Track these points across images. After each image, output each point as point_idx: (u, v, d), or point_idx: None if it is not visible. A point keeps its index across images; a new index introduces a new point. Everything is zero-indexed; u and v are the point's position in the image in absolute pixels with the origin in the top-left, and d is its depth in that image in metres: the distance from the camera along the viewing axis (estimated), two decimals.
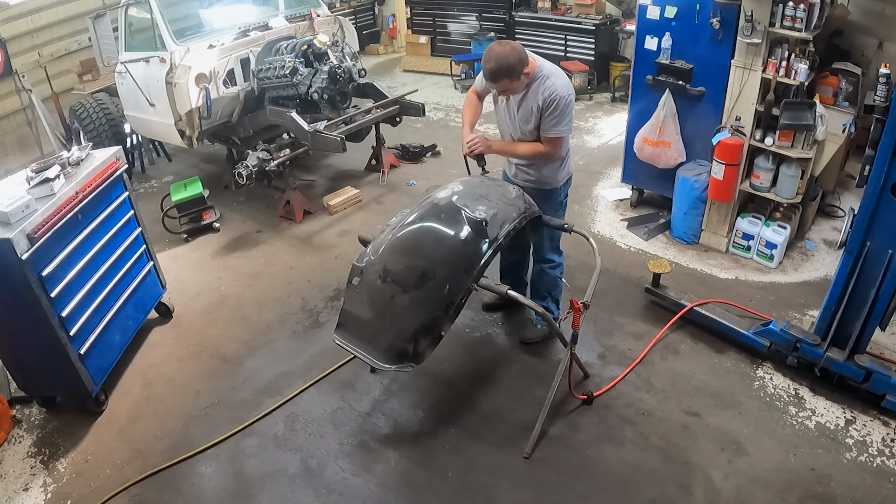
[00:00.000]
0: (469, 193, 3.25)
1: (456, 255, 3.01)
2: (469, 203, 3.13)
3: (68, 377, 3.47)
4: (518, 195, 3.32)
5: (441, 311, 2.95)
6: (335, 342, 3.25)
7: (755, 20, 3.95)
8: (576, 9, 8.47)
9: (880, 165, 2.93)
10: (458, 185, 3.36)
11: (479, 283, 3.00)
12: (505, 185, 3.45)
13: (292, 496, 3.12)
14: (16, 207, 3.10)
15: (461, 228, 3.04)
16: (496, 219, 3.10)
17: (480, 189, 3.31)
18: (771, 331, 3.61)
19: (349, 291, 3.19)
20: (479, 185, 3.39)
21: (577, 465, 3.17)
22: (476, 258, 2.97)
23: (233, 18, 6.02)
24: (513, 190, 3.37)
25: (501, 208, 3.16)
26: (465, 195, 3.22)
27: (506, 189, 3.36)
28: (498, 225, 3.09)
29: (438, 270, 2.95)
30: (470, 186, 3.36)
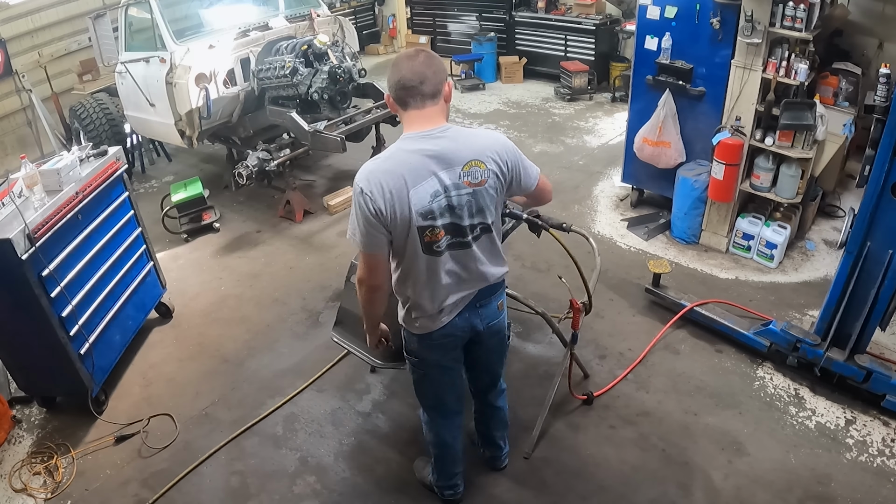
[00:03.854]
0: None
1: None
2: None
3: (68, 377, 3.47)
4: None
5: None
6: (332, 339, 3.26)
7: (755, 20, 3.95)
8: (576, 9, 8.47)
9: (880, 165, 2.93)
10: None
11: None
12: None
13: (292, 496, 3.11)
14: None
15: None
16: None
17: None
18: (771, 331, 3.61)
19: (347, 289, 3.20)
20: None
21: (577, 465, 3.17)
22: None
23: (233, 18, 6.01)
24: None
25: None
26: None
27: None
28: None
29: None
30: None
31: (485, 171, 2.16)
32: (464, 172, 2.13)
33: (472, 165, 2.14)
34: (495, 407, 2.95)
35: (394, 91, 2.16)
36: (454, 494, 3.00)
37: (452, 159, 2.13)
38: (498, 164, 2.20)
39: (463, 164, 2.13)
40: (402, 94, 2.14)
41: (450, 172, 2.12)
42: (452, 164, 2.13)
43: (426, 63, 2.13)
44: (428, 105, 2.15)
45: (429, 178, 2.11)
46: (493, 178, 2.19)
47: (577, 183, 5.99)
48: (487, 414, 2.98)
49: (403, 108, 2.17)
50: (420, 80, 2.11)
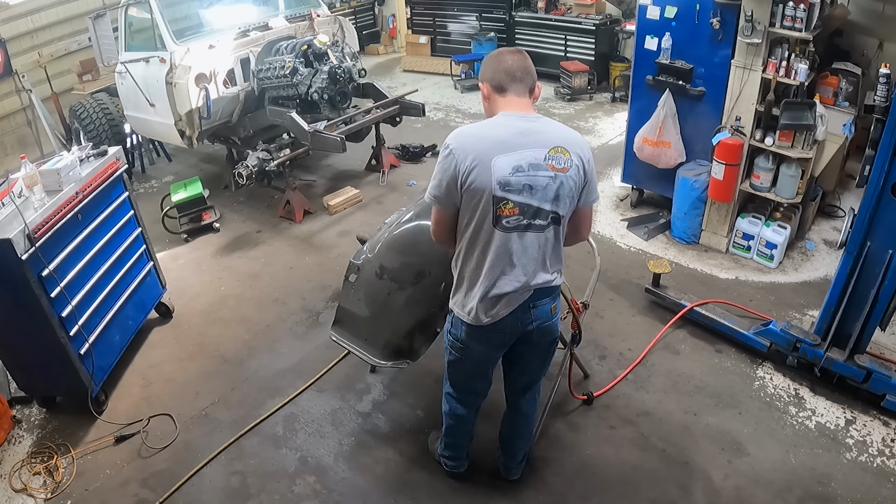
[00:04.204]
0: None
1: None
2: None
3: (68, 377, 3.47)
4: None
5: (436, 309, 2.96)
6: (331, 338, 3.26)
7: (755, 20, 3.95)
8: (576, 9, 8.48)
9: (880, 165, 2.93)
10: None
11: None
12: None
13: (292, 496, 3.11)
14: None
15: None
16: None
17: None
18: (771, 331, 3.61)
19: (346, 288, 3.20)
20: None
21: (577, 465, 3.17)
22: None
23: (233, 18, 6.02)
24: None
25: None
26: None
27: None
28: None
29: (434, 268, 2.95)
30: None
31: (568, 159, 2.22)
32: (549, 156, 2.20)
33: (558, 151, 2.21)
34: (524, 414, 2.90)
35: (499, 75, 2.28)
36: (456, 466, 3.06)
37: (540, 140, 2.21)
38: (581, 159, 2.25)
39: (549, 147, 2.21)
40: (506, 80, 2.27)
41: (535, 152, 2.19)
42: (540, 144, 2.20)
43: (527, 60, 2.34)
44: (525, 96, 2.30)
45: (514, 152, 2.18)
46: (574, 169, 2.24)
47: None
48: (514, 422, 2.93)
49: (503, 92, 2.29)
50: (525, 73, 2.30)
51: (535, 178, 2.19)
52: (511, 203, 2.20)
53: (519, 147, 2.18)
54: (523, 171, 2.18)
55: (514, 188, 2.19)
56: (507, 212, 2.22)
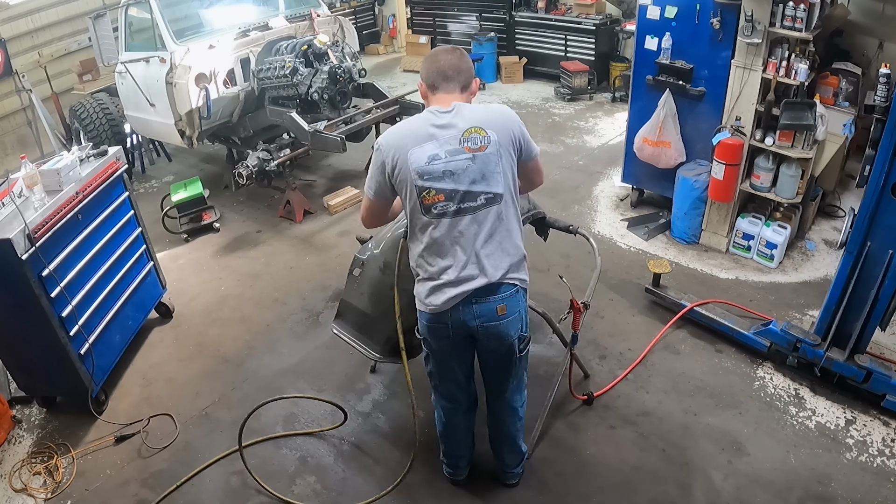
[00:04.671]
0: None
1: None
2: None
3: (68, 377, 3.47)
4: (522, 195, 3.32)
5: None
6: (333, 331, 3.27)
7: (755, 20, 3.95)
8: (576, 9, 8.48)
9: (880, 165, 2.93)
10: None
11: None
12: None
13: (292, 496, 3.11)
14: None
15: None
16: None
17: None
18: (771, 331, 3.61)
19: (349, 282, 3.20)
20: None
21: (577, 465, 3.17)
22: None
23: (233, 18, 6.02)
24: None
25: None
26: None
27: None
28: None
29: None
30: None
31: (484, 136, 2.28)
32: (463, 138, 2.28)
33: (472, 132, 2.28)
34: (498, 419, 2.89)
35: (432, 75, 2.36)
36: (453, 474, 3.07)
37: (455, 126, 2.29)
38: (500, 132, 2.32)
39: (463, 131, 2.28)
40: (437, 79, 2.35)
41: (450, 138, 2.28)
42: (454, 130, 2.28)
43: (462, 58, 2.39)
44: (456, 92, 2.37)
45: (428, 142, 2.28)
46: (494, 144, 2.30)
47: (577, 183, 5.99)
48: (492, 422, 2.94)
49: (434, 90, 2.37)
50: (456, 72, 2.35)
51: (454, 163, 2.27)
52: (434, 190, 2.29)
53: (433, 137, 2.28)
54: (440, 159, 2.26)
55: (433, 175, 2.27)
56: (431, 199, 2.30)
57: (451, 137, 2.28)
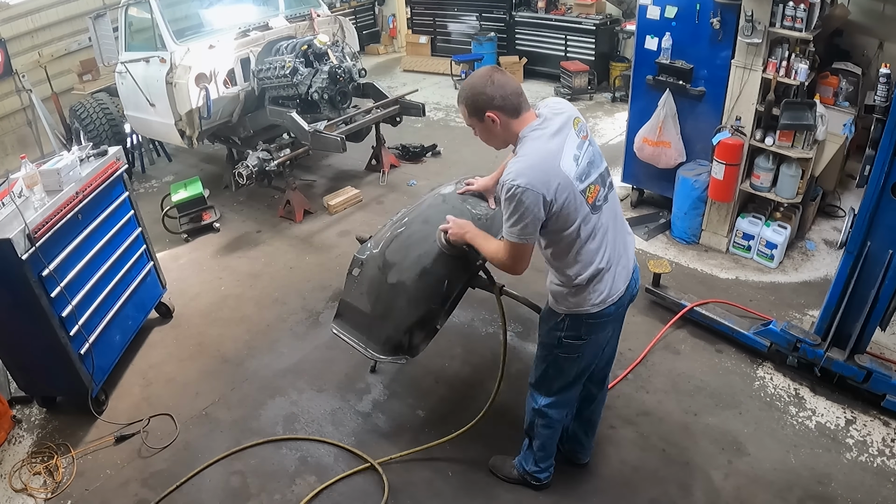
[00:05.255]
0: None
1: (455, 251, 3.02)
2: (471, 200, 3.14)
3: (68, 377, 3.47)
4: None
5: (437, 305, 2.97)
6: (332, 331, 3.27)
7: (755, 20, 3.95)
8: (576, 9, 8.48)
9: (880, 165, 2.93)
10: (463, 182, 3.37)
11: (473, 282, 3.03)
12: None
13: (292, 496, 3.11)
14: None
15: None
16: (497, 217, 3.11)
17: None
18: (771, 331, 3.61)
19: (349, 282, 3.20)
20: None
21: (577, 466, 3.17)
22: (475, 255, 2.98)
23: (233, 18, 6.02)
24: None
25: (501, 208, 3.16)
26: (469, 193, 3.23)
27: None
28: (499, 223, 3.09)
29: (437, 266, 2.96)
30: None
31: (583, 124, 2.37)
32: (576, 129, 2.32)
33: (578, 122, 2.34)
34: (600, 400, 3.00)
35: (509, 100, 2.24)
36: (550, 476, 3.05)
37: (565, 125, 2.29)
38: (581, 117, 2.40)
39: (571, 123, 2.32)
40: (518, 101, 2.27)
41: (570, 136, 2.29)
42: (567, 128, 2.29)
43: (514, 78, 2.35)
44: (530, 108, 2.34)
45: (563, 148, 2.25)
46: (583, 124, 2.38)
47: None
48: (595, 406, 2.98)
49: (517, 114, 2.27)
50: (522, 90, 2.32)
51: (587, 154, 2.32)
52: (591, 185, 2.32)
53: (563, 143, 2.26)
54: (580, 156, 2.29)
55: (585, 173, 2.29)
56: (594, 194, 2.33)
57: (570, 135, 2.29)
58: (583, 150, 2.30)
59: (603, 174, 2.38)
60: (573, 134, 2.29)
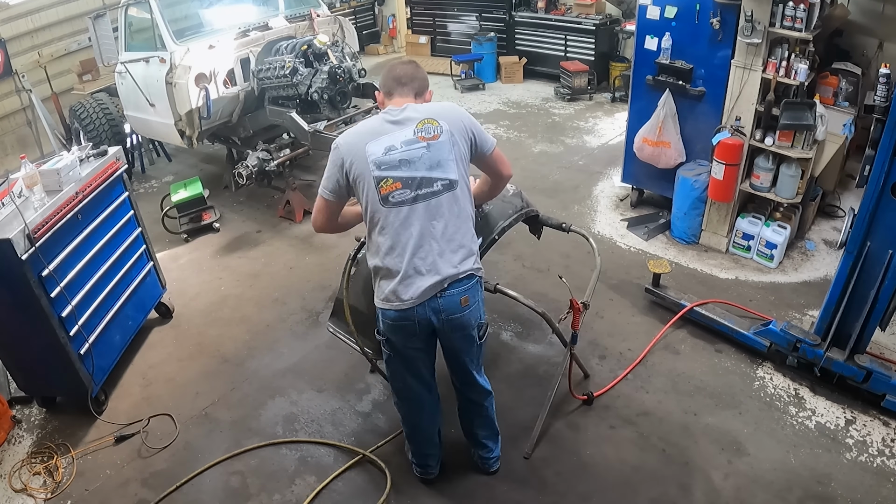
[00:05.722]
0: None
1: None
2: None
3: (68, 377, 3.47)
4: (515, 193, 3.34)
5: None
6: (328, 330, 3.29)
7: (755, 20, 3.95)
8: (576, 9, 8.48)
9: (880, 165, 2.93)
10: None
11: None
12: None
13: (292, 496, 3.11)
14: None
15: None
16: (492, 215, 3.11)
17: None
18: (771, 331, 3.61)
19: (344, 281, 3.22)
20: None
21: (577, 465, 3.17)
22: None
23: (233, 18, 6.02)
24: (510, 188, 3.39)
25: (497, 205, 3.18)
26: None
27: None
28: (493, 221, 3.10)
29: None
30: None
31: (437, 126, 2.43)
32: (418, 129, 2.42)
33: (426, 123, 2.43)
34: (475, 403, 2.93)
35: (388, 82, 2.54)
36: (425, 472, 3.09)
37: (409, 120, 2.45)
38: (451, 123, 2.46)
39: (416, 122, 2.43)
40: (393, 85, 2.53)
41: (405, 130, 2.43)
42: (408, 123, 2.44)
43: (416, 69, 2.59)
44: (409, 97, 2.54)
45: (384, 135, 2.42)
46: (446, 133, 2.44)
47: (577, 183, 6.00)
48: (466, 409, 2.98)
49: (390, 96, 2.55)
50: (410, 79, 2.55)
51: (410, 152, 2.40)
52: (391, 179, 2.39)
53: (389, 131, 2.42)
54: (396, 149, 2.39)
55: (390, 165, 2.39)
56: (389, 188, 2.40)
57: (406, 129, 2.42)
58: (409, 146, 2.39)
59: (423, 180, 2.39)
60: (408, 130, 2.41)
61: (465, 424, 3.07)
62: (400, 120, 2.44)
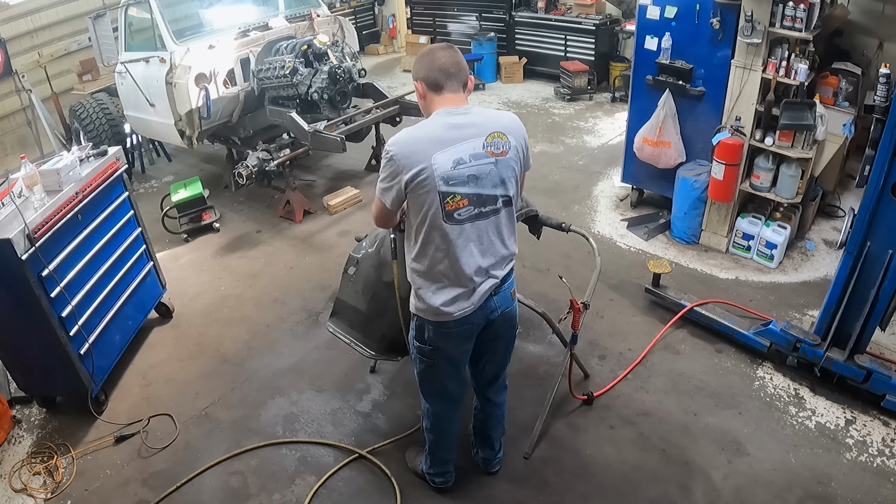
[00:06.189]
0: None
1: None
2: None
3: (68, 377, 3.47)
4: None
5: None
6: (328, 329, 3.28)
7: (755, 20, 3.95)
8: (576, 9, 8.48)
9: (880, 165, 2.93)
10: None
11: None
12: None
13: (292, 496, 3.11)
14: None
15: None
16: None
17: None
18: (771, 331, 3.61)
19: (344, 281, 3.21)
20: None
21: (577, 465, 3.18)
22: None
23: (233, 18, 6.02)
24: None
25: None
26: None
27: None
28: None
29: None
30: None
31: (506, 142, 2.28)
32: (487, 143, 2.24)
33: (495, 137, 2.25)
34: (495, 403, 2.94)
35: (433, 74, 2.26)
36: (445, 482, 3.05)
37: (477, 131, 2.25)
38: (517, 139, 2.32)
39: (486, 135, 2.25)
40: (441, 78, 2.26)
41: (473, 142, 2.23)
42: (477, 134, 2.24)
43: (459, 56, 2.32)
44: (460, 91, 2.30)
45: (453, 146, 2.21)
46: (513, 150, 2.30)
47: (577, 183, 6.00)
48: (487, 411, 2.97)
49: (438, 90, 2.28)
50: (458, 69, 2.28)
51: (479, 167, 2.24)
52: (459, 196, 2.24)
53: (456, 141, 2.21)
54: (465, 163, 2.22)
55: (458, 180, 2.22)
56: (455, 205, 2.25)
57: (475, 141, 2.23)
58: (477, 160, 2.23)
59: (488, 197, 2.28)
60: (477, 142, 2.23)
61: (478, 426, 3.05)
62: (464, 125, 2.24)
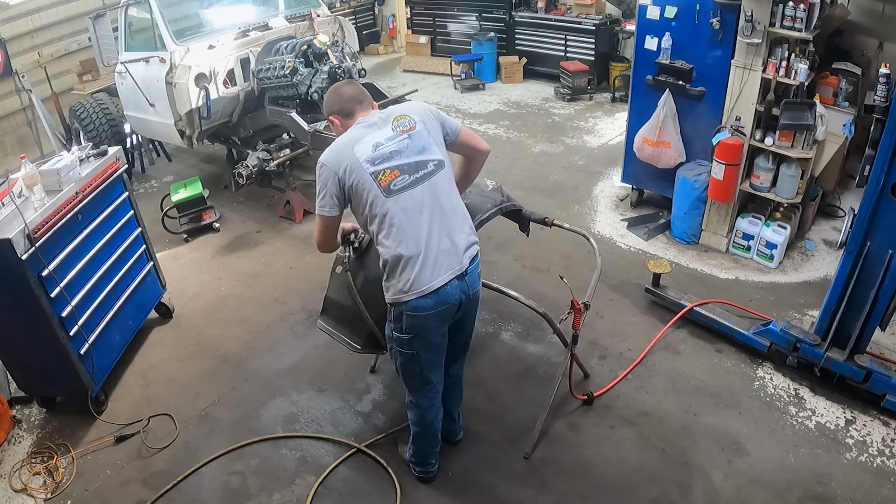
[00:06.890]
0: None
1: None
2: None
3: (68, 377, 3.47)
4: (495, 188, 3.38)
5: None
6: (318, 326, 3.31)
7: (755, 20, 3.95)
8: (576, 9, 8.48)
9: (880, 165, 2.93)
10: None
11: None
12: (481, 178, 3.45)
13: (292, 496, 3.11)
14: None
15: None
16: (470, 209, 3.12)
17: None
18: (771, 331, 3.61)
19: (333, 279, 3.26)
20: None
21: (577, 465, 3.18)
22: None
23: (233, 18, 6.02)
24: (489, 183, 3.41)
25: (474, 199, 3.22)
26: None
27: (481, 181, 3.38)
28: (472, 214, 3.11)
29: None
30: None
31: (410, 120, 2.61)
32: (394, 125, 2.58)
33: (399, 119, 2.60)
34: (456, 377, 3.06)
35: (346, 105, 2.65)
36: (425, 472, 3.10)
37: (383, 121, 2.60)
38: (421, 116, 2.64)
39: (391, 120, 2.60)
40: (352, 106, 2.66)
41: (384, 129, 2.57)
42: (385, 123, 2.58)
43: (362, 87, 2.76)
44: (368, 111, 2.68)
45: (367, 136, 2.54)
46: (420, 124, 2.60)
47: (577, 183, 6.00)
48: (447, 385, 3.01)
49: (350, 116, 2.65)
50: (364, 96, 2.71)
51: (397, 144, 2.54)
52: (388, 169, 2.49)
53: (369, 133, 2.54)
54: (383, 145, 2.52)
55: (382, 157, 2.50)
56: (389, 178, 2.49)
57: (384, 129, 2.55)
58: (392, 140, 2.53)
59: (418, 163, 2.52)
60: (387, 128, 2.55)
61: (444, 403, 3.07)
62: (374, 123, 2.58)
